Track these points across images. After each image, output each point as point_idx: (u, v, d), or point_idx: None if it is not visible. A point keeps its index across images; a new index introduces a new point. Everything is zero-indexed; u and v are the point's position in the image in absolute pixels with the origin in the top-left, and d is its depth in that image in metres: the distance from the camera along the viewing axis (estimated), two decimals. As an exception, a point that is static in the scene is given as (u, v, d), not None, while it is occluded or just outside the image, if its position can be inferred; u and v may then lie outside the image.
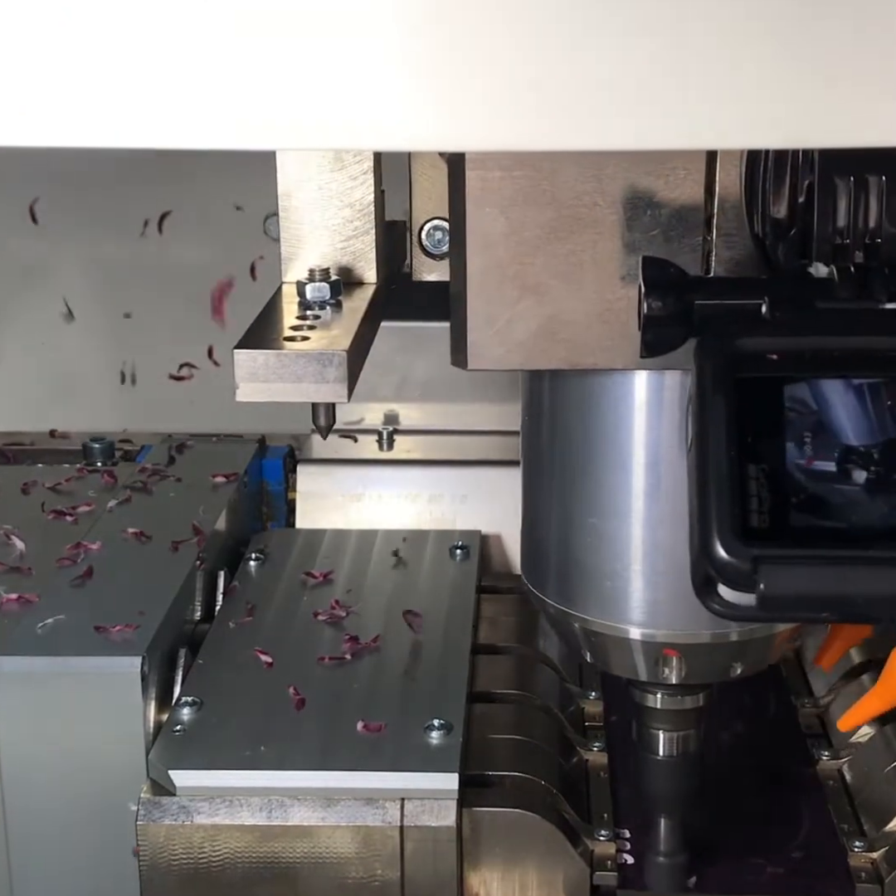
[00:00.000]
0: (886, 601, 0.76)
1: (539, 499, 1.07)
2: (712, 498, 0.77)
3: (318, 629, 1.35)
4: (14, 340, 1.93)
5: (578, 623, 1.05)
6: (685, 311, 0.84)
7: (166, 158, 1.84)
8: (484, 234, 0.91)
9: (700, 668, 1.04)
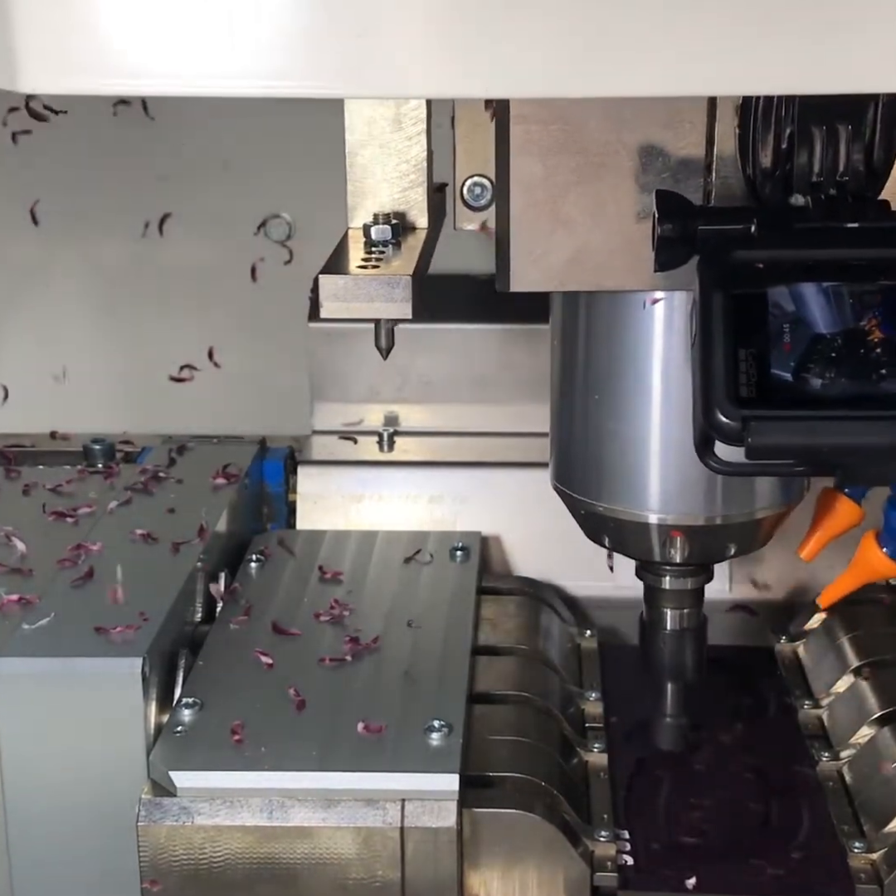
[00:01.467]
0: (845, 450, 0.99)
1: (569, 411, 1.24)
2: (712, 375, 0.99)
3: (318, 630, 1.36)
4: (14, 341, 1.93)
5: (604, 513, 1.22)
6: (690, 233, 1.04)
7: (167, 158, 1.85)
8: (525, 178, 1.09)
9: (700, 549, 1.23)
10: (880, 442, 0.97)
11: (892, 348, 0.99)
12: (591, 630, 1.54)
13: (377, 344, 1.17)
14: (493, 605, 1.49)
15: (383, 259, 1.10)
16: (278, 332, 1.89)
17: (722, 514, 1.21)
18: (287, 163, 1.85)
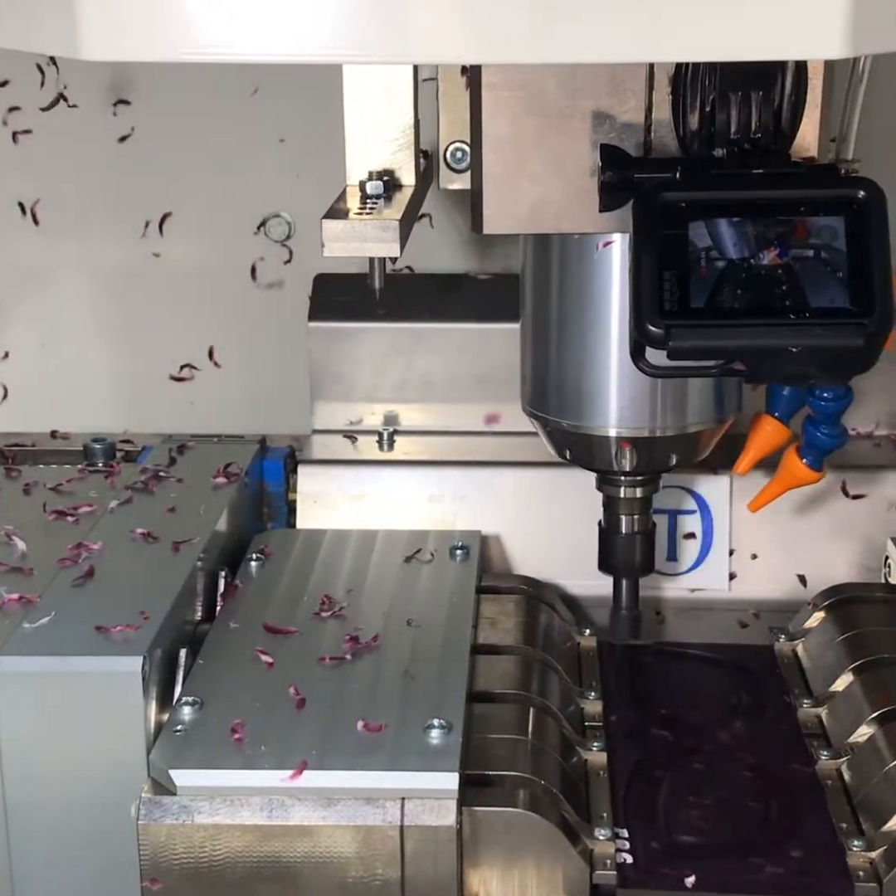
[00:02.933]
0: (749, 350, 1.20)
1: (537, 343, 1.41)
2: (641, 292, 1.20)
3: (318, 629, 1.36)
4: (15, 342, 1.93)
5: (567, 429, 1.41)
6: (628, 180, 1.25)
7: (167, 159, 1.85)
8: (495, 137, 1.27)
9: (646, 459, 1.41)
10: (777, 343, 1.19)
11: (788, 270, 1.20)
12: (590, 629, 1.54)
13: (370, 284, 1.30)
14: (493, 604, 1.49)
15: (376, 209, 1.26)
16: (278, 332, 1.90)
17: (662, 426, 1.38)
18: (287, 163, 1.85)
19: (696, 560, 1.61)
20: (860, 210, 1.19)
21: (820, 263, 1.20)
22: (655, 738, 1.38)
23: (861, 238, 1.19)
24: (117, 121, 1.84)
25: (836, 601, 1.52)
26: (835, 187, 1.22)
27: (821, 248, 1.20)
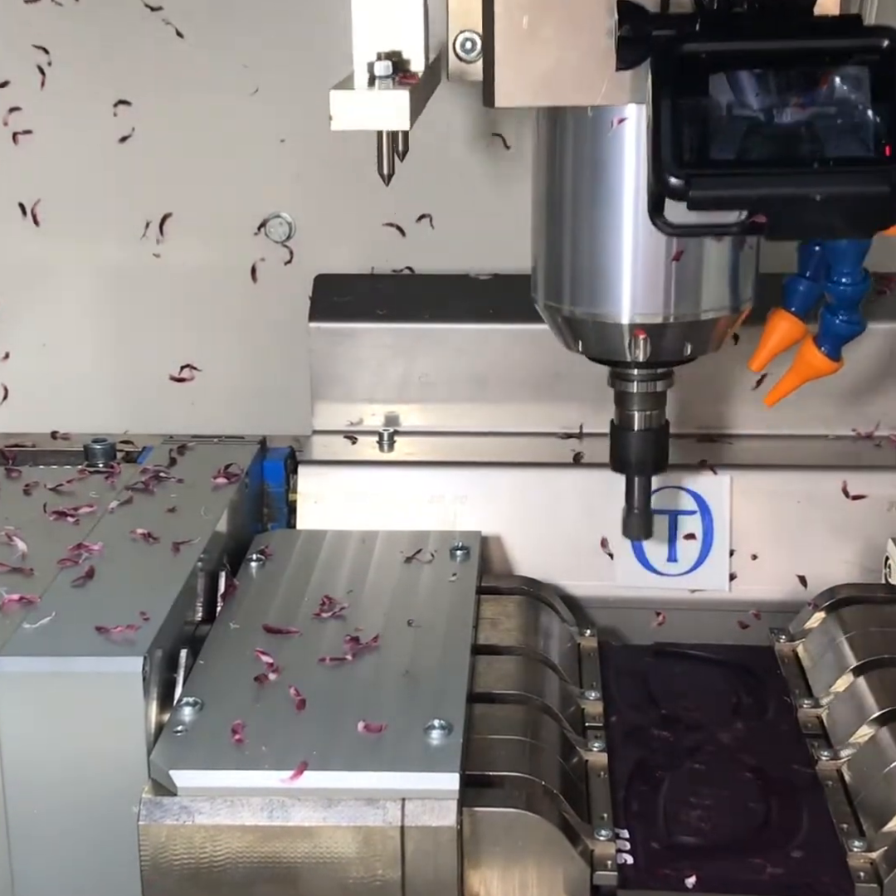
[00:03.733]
0: (770, 199, 1.18)
1: (550, 231, 1.37)
2: (660, 144, 1.17)
3: (318, 630, 1.36)
4: (15, 342, 1.93)
5: (581, 317, 1.37)
6: (646, 35, 1.21)
7: (167, 159, 1.85)
8: (507, 3, 1.24)
9: (660, 347, 1.37)
10: (800, 192, 1.18)
11: (811, 121, 1.18)
12: (590, 630, 1.54)
13: (379, 171, 1.26)
14: (494, 605, 1.49)
15: (385, 84, 1.23)
16: (278, 332, 1.90)
17: (675, 313, 1.35)
18: (287, 163, 1.85)
19: (697, 561, 1.61)
20: (885, 59, 1.17)
21: (844, 114, 1.17)
22: (656, 739, 1.38)
23: (886, 87, 1.16)
24: (117, 121, 1.84)
25: (837, 602, 1.52)
26: (859, 37, 1.19)
27: (845, 98, 1.17)
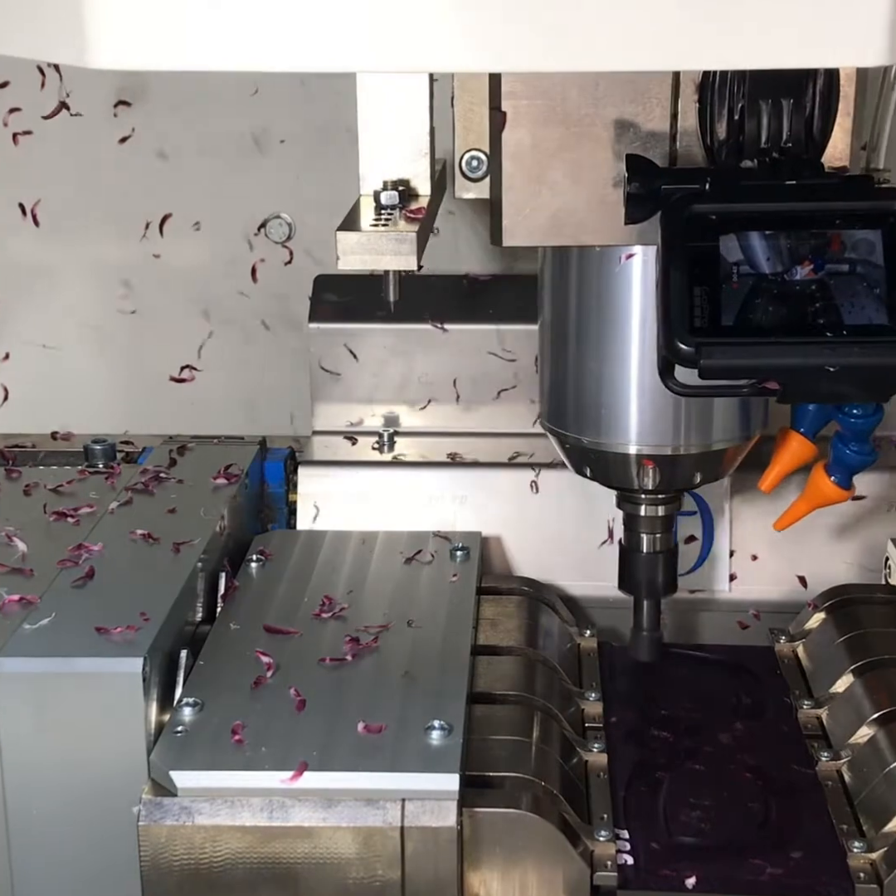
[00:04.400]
0: (782, 369, 1.16)
1: (556, 357, 1.39)
2: (670, 309, 1.16)
3: (318, 630, 1.36)
4: (15, 342, 1.93)
5: (587, 446, 1.38)
6: (655, 191, 1.21)
7: (167, 160, 1.85)
8: (515, 147, 1.25)
9: (669, 477, 1.38)
10: (813, 362, 1.15)
11: (823, 286, 1.17)
12: (590, 630, 1.54)
13: (385, 296, 1.28)
14: (494, 606, 1.49)
15: (391, 220, 1.23)
16: (278, 332, 1.90)
17: (686, 444, 1.35)
18: (287, 164, 1.85)
19: (697, 561, 1.61)
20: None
21: (856, 279, 1.16)
22: (656, 739, 1.38)
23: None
24: (118, 122, 1.84)
25: (837, 602, 1.52)
26: (871, 199, 1.19)
27: (857, 263, 1.16)
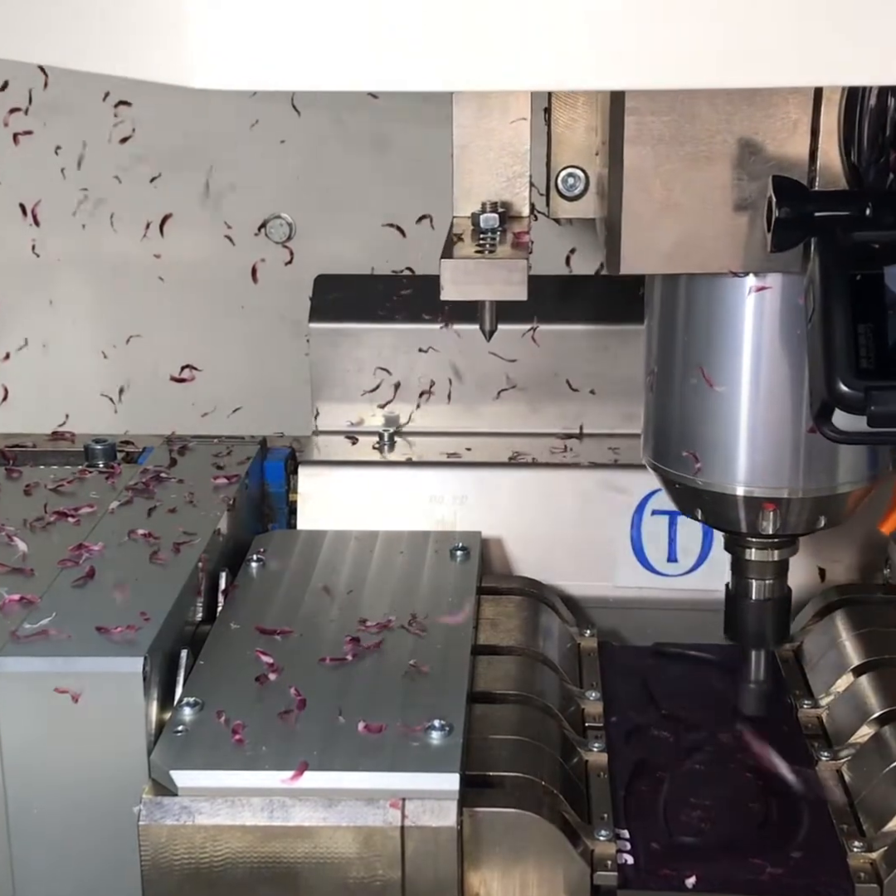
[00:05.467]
0: None
1: (664, 390, 1.30)
2: (834, 349, 1.06)
3: (319, 630, 1.36)
4: (15, 342, 1.93)
5: (699, 487, 1.29)
6: (805, 216, 1.10)
7: (167, 160, 1.85)
8: (637, 166, 1.15)
9: (787, 521, 1.28)
10: None
11: None
12: (591, 630, 1.54)
13: (481, 327, 1.22)
14: (494, 605, 1.49)
15: (495, 245, 1.16)
16: (278, 332, 1.90)
17: (805, 487, 1.26)
18: (288, 164, 1.85)
19: (697, 560, 1.61)
20: None
21: None
22: (656, 739, 1.38)
23: None
24: (118, 122, 1.84)
25: (837, 602, 1.52)
26: None
27: None
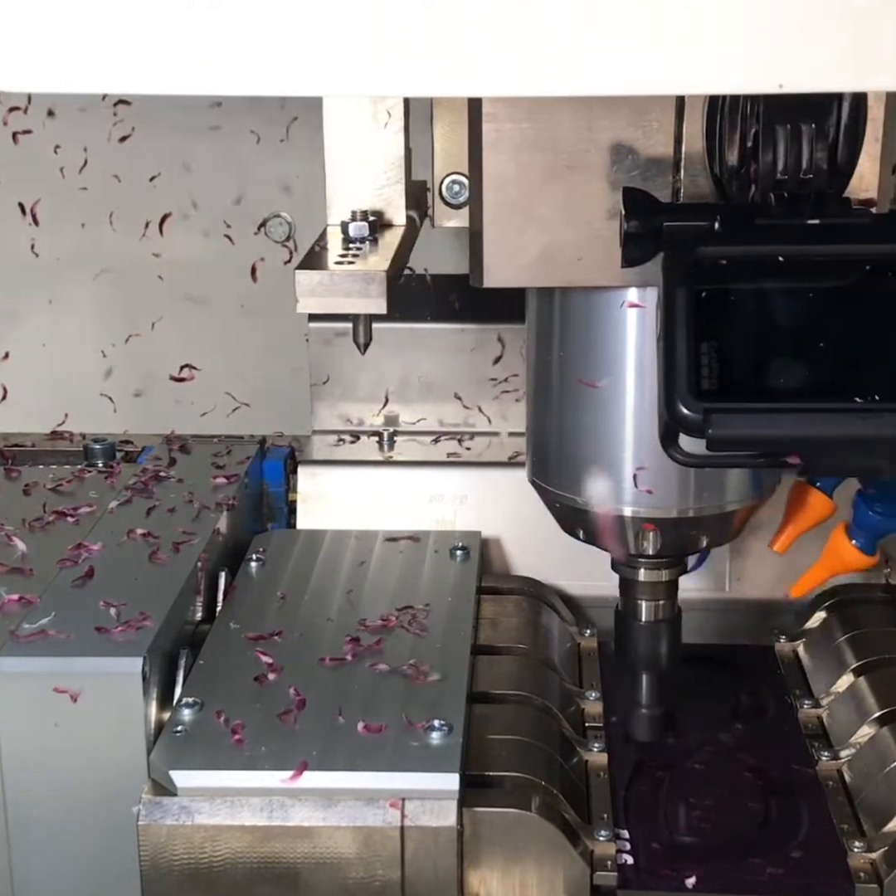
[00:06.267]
0: (804, 441, 1.00)
1: (545, 406, 1.25)
2: (674, 369, 1.01)
3: (318, 630, 1.36)
4: (15, 342, 1.93)
5: (579, 506, 1.25)
6: (656, 229, 1.05)
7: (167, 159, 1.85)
8: (497, 175, 1.10)
9: (673, 541, 1.25)
10: (838, 433, 0.99)
11: (851, 343, 1.00)
12: (590, 630, 1.54)
13: (355, 339, 1.19)
14: (494, 605, 1.49)
15: (360, 255, 1.12)
16: (278, 332, 1.90)
17: (694, 506, 1.22)
18: (288, 163, 1.85)
19: (697, 560, 1.61)
20: None
21: (889, 334, 1.00)
22: (656, 739, 1.37)
23: None
24: (117, 121, 1.84)
25: (837, 601, 1.51)
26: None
27: (890, 315, 1.00)
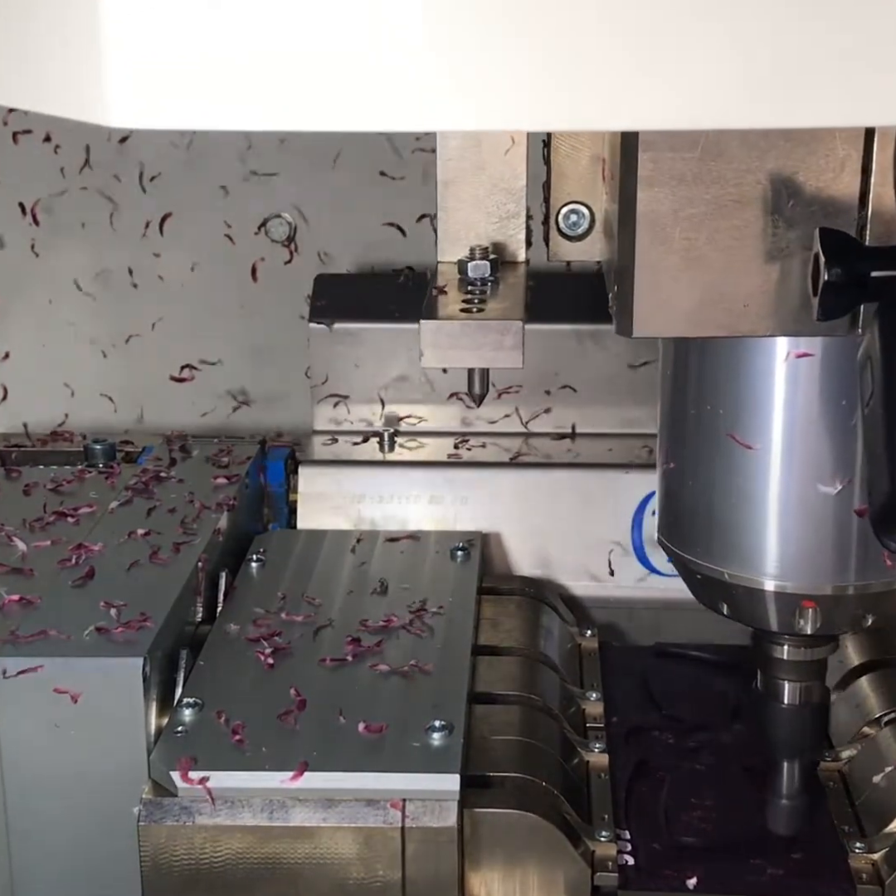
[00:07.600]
0: None
1: (681, 463, 1.15)
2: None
3: (319, 630, 1.35)
4: (15, 342, 1.93)
5: (720, 577, 1.13)
6: (860, 277, 0.92)
7: (167, 159, 1.85)
8: (653, 210, 0.97)
9: (828, 620, 1.11)
10: None
11: None
12: (591, 630, 1.54)
13: (471, 391, 1.09)
14: (494, 605, 1.49)
15: (486, 300, 1.02)
16: (278, 332, 1.90)
17: (855, 582, 1.10)
18: (288, 163, 1.85)
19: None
20: None
21: None
22: (656, 740, 1.37)
23: None
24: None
25: (838, 602, 1.51)
26: None
27: None
